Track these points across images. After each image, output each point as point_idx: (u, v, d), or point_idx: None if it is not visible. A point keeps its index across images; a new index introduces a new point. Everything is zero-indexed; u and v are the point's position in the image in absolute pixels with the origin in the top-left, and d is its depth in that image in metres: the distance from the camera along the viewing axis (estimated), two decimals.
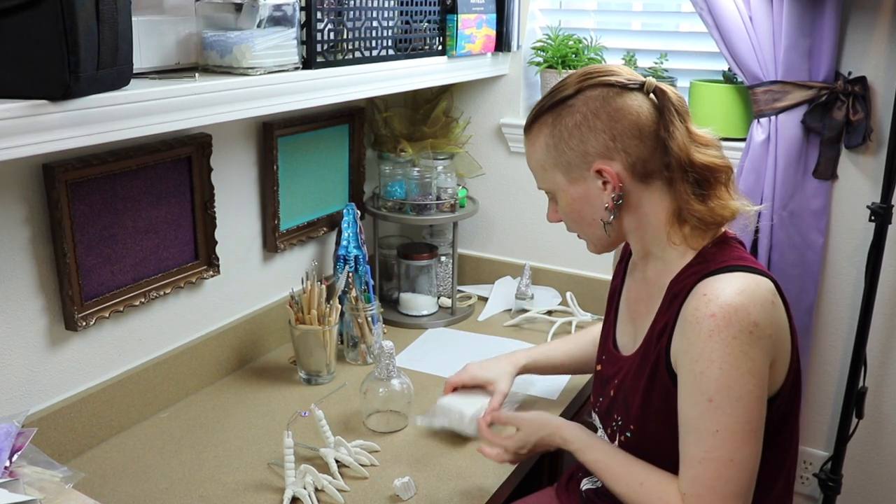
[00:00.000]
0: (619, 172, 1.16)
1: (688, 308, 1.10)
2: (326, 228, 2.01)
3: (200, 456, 1.46)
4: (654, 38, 2.10)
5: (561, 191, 1.23)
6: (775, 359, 1.10)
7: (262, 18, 1.36)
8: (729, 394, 1.05)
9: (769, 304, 1.08)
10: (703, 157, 1.15)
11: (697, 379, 1.07)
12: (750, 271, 1.11)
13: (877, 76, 1.73)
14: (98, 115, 1.11)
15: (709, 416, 1.06)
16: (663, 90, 1.16)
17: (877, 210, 1.70)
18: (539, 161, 1.23)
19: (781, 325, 1.11)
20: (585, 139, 1.16)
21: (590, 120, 1.15)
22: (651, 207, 1.18)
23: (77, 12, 0.99)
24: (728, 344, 1.05)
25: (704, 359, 1.06)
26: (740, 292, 1.07)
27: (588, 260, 2.10)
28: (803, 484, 2.02)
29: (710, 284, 1.09)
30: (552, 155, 1.20)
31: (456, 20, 1.86)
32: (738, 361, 1.05)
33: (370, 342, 1.83)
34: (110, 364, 1.53)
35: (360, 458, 1.43)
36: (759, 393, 1.06)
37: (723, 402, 1.05)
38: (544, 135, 1.20)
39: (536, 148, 1.23)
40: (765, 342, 1.06)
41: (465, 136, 2.20)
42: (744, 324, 1.05)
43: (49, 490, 1.22)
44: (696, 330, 1.07)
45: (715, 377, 1.05)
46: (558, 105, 1.19)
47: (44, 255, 1.37)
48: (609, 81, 1.16)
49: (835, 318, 1.91)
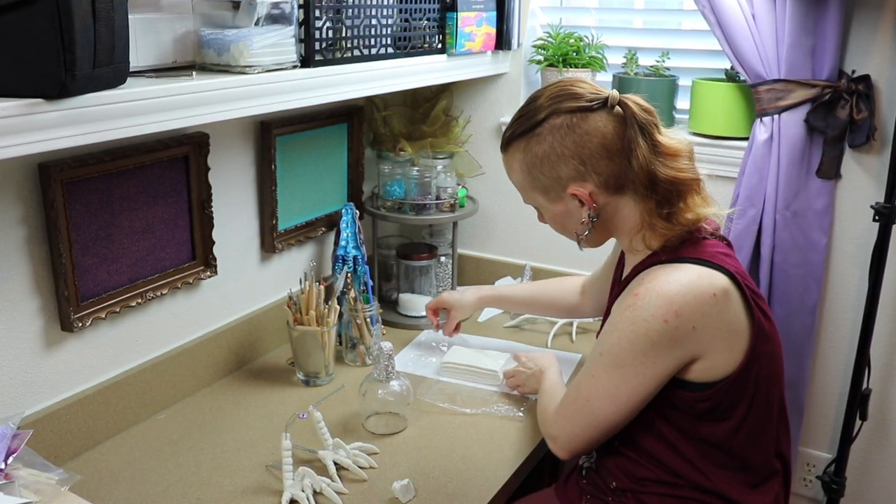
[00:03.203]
0: (592, 192, 1.24)
1: (627, 288, 1.22)
2: (325, 228, 2.00)
3: (198, 458, 1.45)
4: (655, 36, 2.09)
5: (543, 208, 1.33)
6: (706, 352, 1.16)
7: (259, 16, 1.36)
8: (614, 359, 1.19)
9: (706, 299, 1.13)
10: (667, 171, 1.20)
11: (603, 335, 1.23)
12: (703, 265, 1.16)
13: (881, 75, 1.72)
14: (94, 114, 1.10)
15: (594, 362, 1.23)
16: (626, 103, 1.21)
17: (881, 210, 1.69)
18: (518, 182, 1.32)
19: (724, 320, 1.15)
20: (556, 166, 1.23)
21: (557, 149, 1.23)
22: (625, 214, 1.26)
23: (73, 10, 0.98)
24: (635, 322, 1.15)
25: (613, 324, 1.20)
26: (674, 281, 1.14)
27: (589, 260, 2.09)
28: (806, 486, 2.01)
29: (652, 272, 1.19)
30: (528, 179, 1.29)
31: (456, 18, 1.85)
32: (638, 339, 1.15)
33: (369, 343, 1.82)
34: (107, 365, 1.52)
35: (358, 461, 1.42)
36: (645, 373, 1.16)
37: (606, 361, 1.20)
38: (518, 160, 1.29)
39: (514, 170, 1.31)
40: (681, 333, 1.13)
41: (465, 135, 2.19)
42: (661, 311, 1.13)
43: (45, 493, 1.21)
44: (621, 302, 1.21)
45: (612, 341, 1.19)
46: (527, 133, 1.25)
47: (39, 255, 1.36)
48: (572, 108, 1.21)
49: (838, 318, 1.90)
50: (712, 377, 1.17)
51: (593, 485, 1.33)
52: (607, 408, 1.21)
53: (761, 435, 1.23)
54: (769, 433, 1.24)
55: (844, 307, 1.89)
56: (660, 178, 1.19)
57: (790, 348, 1.84)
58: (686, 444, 1.21)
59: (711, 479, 1.21)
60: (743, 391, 1.18)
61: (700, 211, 1.21)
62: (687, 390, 1.18)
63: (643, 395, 1.19)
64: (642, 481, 1.25)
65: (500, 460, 1.46)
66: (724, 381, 1.17)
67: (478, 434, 1.54)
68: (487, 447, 1.50)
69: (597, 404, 1.22)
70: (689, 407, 1.19)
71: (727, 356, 1.16)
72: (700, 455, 1.21)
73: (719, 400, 1.18)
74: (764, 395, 1.21)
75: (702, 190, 1.23)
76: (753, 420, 1.21)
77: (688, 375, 1.18)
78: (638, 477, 1.26)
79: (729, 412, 1.19)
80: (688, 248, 1.21)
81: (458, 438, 1.52)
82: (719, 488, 1.21)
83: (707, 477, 1.21)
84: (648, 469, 1.25)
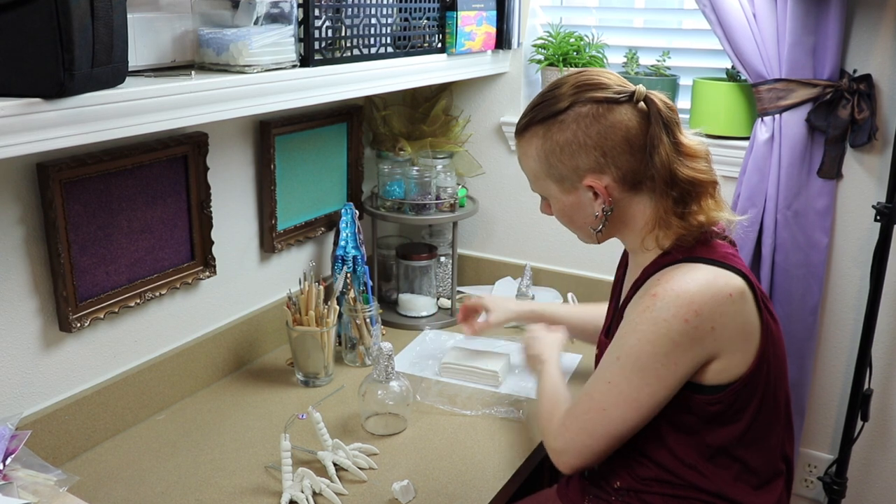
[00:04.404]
0: (608, 186, 1.21)
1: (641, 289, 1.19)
2: (324, 228, 1.99)
3: (197, 459, 1.45)
4: (656, 35, 2.08)
5: (553, 198, 1.28)
6: (722, 352, 1.14)
7: (259, 15, 1.36)
8: (634, 362, 1.14)
9: (724, 299, 1.12)
10: (687, 171, 1.18)
11: (618, 339, 1.18)
12: (717, 265, 1.15)
13: (882, 74, 1.71)
14: (93, 113, 1.10)
15: (610, 368, 1.18)
16: (652, 99, 1.19)
17: (882, 210, 1.68)
18: (531, 169, 1.28)
19: (739, 321, 1.15)
20: (576, 155, 1.20)
21: (580, 138, 1.19)
22: (638, 211, 1.23)
23: (72, 9, 0.98)
24: (656, 323, 1.12)
25: (631, 326, 1.16)
26: (691, 281, 1.13)
27: (589, 260, 2.09)
28: (807, 487, 2.01)
29: (668, 272, 1.16)
30: (544, 166, 1.25)
31: (456, 17, 1.84)
32: (659, 341, 1.12)
33: (368, 344, 1.82)
34: (105, 366, 1.51)
35: (358, 462, 1.41)
36: (666, 375, 1.14)
37: (625, 365, 1.15)
38: (535, 146, 1.24)
39: (529, 156, 1.27)
40: (701, 333, 1.12)
41: (465, 134, 2.18)
42: (681, 311, 1.11)
43: (43, 494, 1.21)
44: (637, 303, 1.17)
45: (631, 343, 1.15)
46: (549, 119, 1.22)
47: (38, 255, 1.36)
48: (599, 98, 1.19)
49: (840, 319, 1.89)
50: (726, 379, 1.16)
51: (596, 485, 1.33)
52: (626, 414, 1.17)
53: (768, 437, 1.23)
54: (776, 435, 1.24)
55: (846, 307, 1.88)
56: (679, 178, 1.17)
57: (791, 348, 1.83)
58: (690, 447, 1.20)
59: (714, 482, 1.21)
60: (753, 393, 1.18)
61: (713, 214, 1.20)
62: (700, 393, 1.17)
63: (662, 398, 1.16)
64: (646, 481, 1.25)
65: (500, 461, 1.46)
66: (737, 383, 1.16)
67: (478, 435, 1.54)
68: (487, 448, 1.50)
69: (615, 413, 1.17)
70: (701, 410, 1.18)
71: (741, 357, 1.16)
72: (704, 458, 1.20)
73: (731, 402, 1.17)
74: (772, 396, 1.21)
75: (716, 193, 1.22)
76: (762, 422, 1.20)
77: (702, 378, 1.16)
78: (642, 477, 1.25)
79: (739, 415, 1.18)
80: (700, 249, 1.19)
81: (457, 439, 1.52)
82: (723, 490, 1.21)
83: (710, 479, 1.21)
84: (651, 469, 1.24)
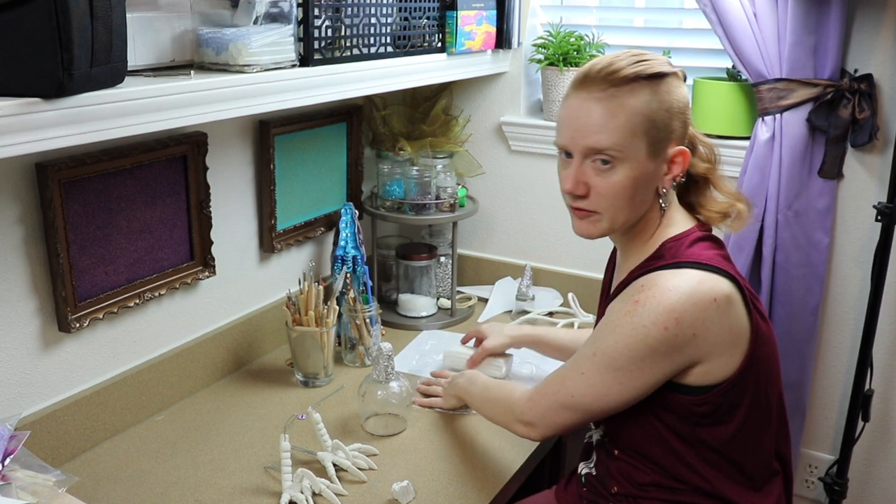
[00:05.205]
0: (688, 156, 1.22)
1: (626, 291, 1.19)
2: (324, 228, 1.99)
3: (196, 460, 1.45)
4: (656, 34, 2.08)
5: (632, 161, 1.17)
6: (706, 357, 1.14)
7: (258, 15, 1.35)
8: (610, 362, 1.16)
9: (707, 304, 1.12)
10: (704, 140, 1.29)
11: (597, 335, 1.20)
12: (705, 269, 1.14)
13: (883, 73, 1.71)
14: (92, 113, 1.10)
15: (585, 361, 1.19)
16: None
17: (883, 210, 1.68)
18: (629, 123, 1.15)
19: (725, 325, 1.14)
20: (672, 118, 1.19)
21: (681, 102, 1.20)
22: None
23: (71, 9, 0.98)
24: (635, 328, 1.12)
25: (610, 326, 1.16)
26: (673, 288, 1.12)
27: (590, 260, 2.09)
28: (808, 488, 2.01)
29: (652, 278, 1.16)
30: (645, 124, 1.16)
31: (455, 17, 1.84)
32: (636, 346, 1.13)
33: (368, 344, 1.81)
34: (104, 366, 1.51)
35: (358, 462, 1.41)
36: (640, 376, 1.14)
37: (601, 362, 1.17)
38: (642, 101, 1.16)
39: (628, 108, 1.15)
40: (681, 341, 1.11)
41: (465, 134, 2.18)
42: (661, 318, 1.11)
43: (42, 494, 1.21)
44: (619, 305, 1.17)
45: (608, 343, 1.16)
46: (657, 78, 1.18)
47: (37, 255, 1.36)
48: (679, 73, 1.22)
49: (841, 319, 1.89)
50: (710, 381, 1.16)
51: (594, 490, 1.32)
52: (593, 403, 1.20)
53: (761, 437, 1.23)
54: (768, 435, 1.24)
55: (846, 307, 1.88)
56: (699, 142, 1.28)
57: (792, 349, 1.83)
58: (686, 448, 1.20)
59: (712, 483, 1.21)
60: (742, 394, 1.18)
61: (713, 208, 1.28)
62: (684, 394, 1.17)
63: (634, 396, 1.18)
64: (644, 486, 1.24)
65: (499, 462, 1.46)
66: (723, 385, 1.16)
67: (477, 435, 1.53)
68: (487, 449, 1.49)
69: (583, 401, 1.20)
70: (688, 411, 1.18)
71: (727, 360, 1.15)
72: (700, 459, 1.20)
73: (718, 403, 1.17)
74: (763, 396, 1.21)
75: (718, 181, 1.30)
76: (753, 422, 1.20)
77: (685, 379, 1.16)
78: (639, 482, 1.25)
79: (728, 415, 1.18)
80: (686, 251, 1.19)
81: (457, 440, 1.52)
82: (721, 492, 1.21)
83: (708, 481, 1.21)
84: (649, 474, 1.24)
